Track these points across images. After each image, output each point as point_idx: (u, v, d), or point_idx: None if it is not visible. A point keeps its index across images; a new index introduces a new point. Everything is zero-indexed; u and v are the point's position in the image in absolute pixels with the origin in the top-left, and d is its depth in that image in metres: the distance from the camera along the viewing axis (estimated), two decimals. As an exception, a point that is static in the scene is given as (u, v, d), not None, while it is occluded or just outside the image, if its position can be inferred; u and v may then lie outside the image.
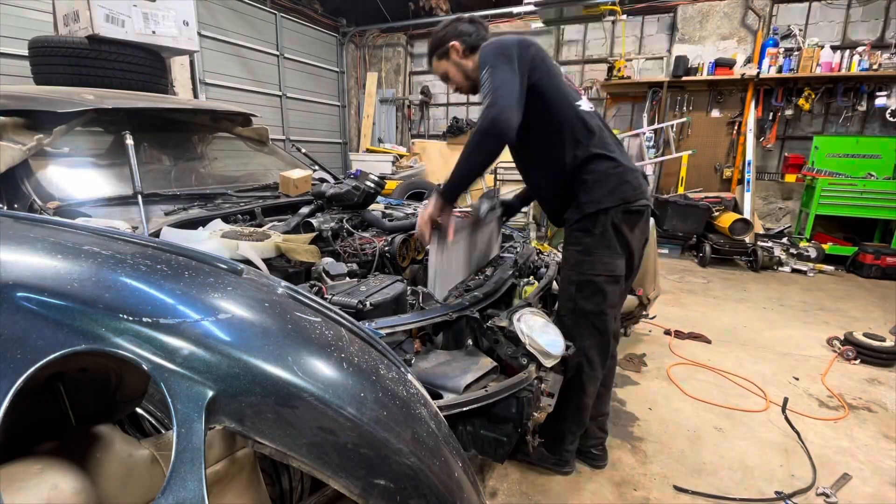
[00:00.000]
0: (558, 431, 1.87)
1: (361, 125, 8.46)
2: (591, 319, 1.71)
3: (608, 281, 1.68)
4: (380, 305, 1.45)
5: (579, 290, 1.70)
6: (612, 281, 1.69)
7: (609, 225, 1.63)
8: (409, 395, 0.69)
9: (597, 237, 1.64)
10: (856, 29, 5.79)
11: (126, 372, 0.71)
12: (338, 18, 8.06)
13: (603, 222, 1.63)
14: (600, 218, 1.63)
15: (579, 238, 1.68)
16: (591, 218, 1.64)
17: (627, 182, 1.65)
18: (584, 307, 1.70)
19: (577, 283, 1.70)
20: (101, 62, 3.02)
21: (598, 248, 1.65)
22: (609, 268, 1.67)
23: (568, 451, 1.90)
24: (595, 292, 1.68)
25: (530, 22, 7.12)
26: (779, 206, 6.42)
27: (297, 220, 1.99)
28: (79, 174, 2.00)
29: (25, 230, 0.67)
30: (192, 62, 5.65)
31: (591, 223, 1.64)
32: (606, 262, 1.66)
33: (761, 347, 3.22)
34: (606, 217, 1.63)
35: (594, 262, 1.66)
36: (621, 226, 1.65)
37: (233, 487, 0.71)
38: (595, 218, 1.63)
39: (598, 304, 1.69)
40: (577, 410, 1.82)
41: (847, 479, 1.93)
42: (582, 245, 1.68)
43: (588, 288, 1.68)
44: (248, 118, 2.90)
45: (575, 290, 1.71)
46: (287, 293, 0.71)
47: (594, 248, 1.65)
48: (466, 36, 1.69)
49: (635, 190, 1.66)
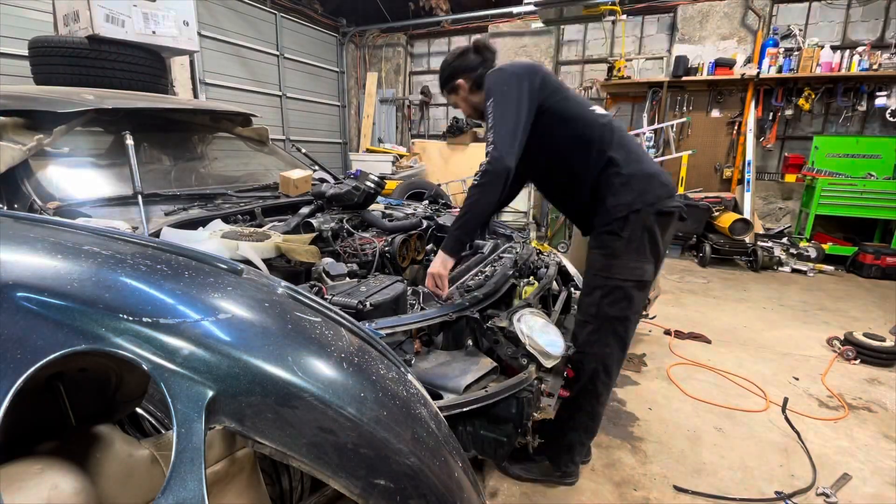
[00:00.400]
0: (568, 443, 1.80)
1: (361, 125, 8.46)
2: (614, 326, 1.67)
3: (635, 286, 1.64)
4: (380, 306, 1.45)
5: (605, 295, 1.64)
6: (640, 287, 1.65)
7: (640, 228, 1.59)
8: (409, 395, 0.69)
9: (625, 241, 1.60)
10: (856, 29, 5.79)
11: (126, 372, 0.71)
12: (338, 18, 8.06)
13: (633, 225, 1.59)
14: (630, 220, 1.59)
15: (607, 242, 1.64)
16: (620, 221, 1.60)
17: (655, 180, 1.63)
18: (609, 313, 1.65)
19: (602, 287, 1.65)
20: (101, 62, 3.02)
21: (626, 252, 1.61)
22: (637, 273, 1.63)
23: (575, 462, 1.85)
24: (621, 298, 1.64)
25: (530, 22, 7.12)
26: (779, 206, 6.42)
27: (297, 220, 1.99)
28: (79, 174, 2.00)
29: (25, 230, 0.67)
30: (192, 62, 5.65)
31: (620, 226, 1.60)
32: (634, 267, 1.62)
33: (761, 347, 3.22)
34: (638, 219, 1.59)
35: (622, 266, 1.62)
36: (654, 229, 1.61)
37: (233, 487, 0.71)
38: (625, 221, 1.60)
39: (623, 309, 1.65)
40: (591, 419, 1.77)
41: (847, 479, 1.93)
42: (610, 249, 1.63)
43: (615, 293, 1.63)
44: (248, 118, 2.90)
45: (600, 296, 1.65)
46: (287, 293, 0.71)
47: (622, 253, 1.61)
48: (472, 71, 1.73)
49: (664, 187, 1.63)
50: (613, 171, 1.62)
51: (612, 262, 1.63)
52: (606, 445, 2.13)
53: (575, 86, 7.32)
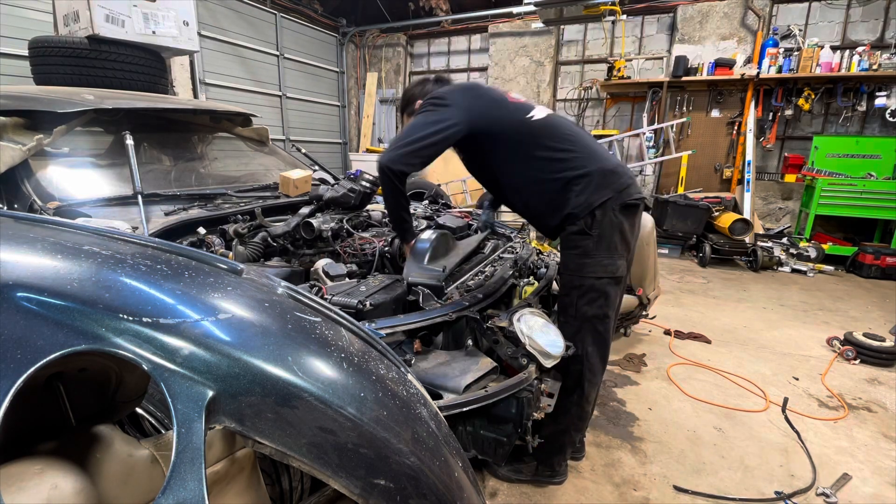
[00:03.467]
0: (559, 444, 1.81)
1: (361, 125, 8.46)
2: (593, 324, 1.68)
3: (610, 283, 1.66)
4: (380, 305, 1.45)
5: (581, 295, 1.67)
6: (614, 282, 1.67)
7: (609, 223, 1.61)
8: (409, 395, 0.69)
9: (595, 239, 1.62)
10: (856, 29, 5.79)
11: (126, 372, 0.71)
12: (338, 18, 8.07)
13: (601, 221, 1.61)
14: (597, 216, 1.61)
15: (578, 241, 1.66)
16: (587, 219, 1.62)
17: (614, 174, 1.63)
18: (587, 312, 1.67)
19: (578, 287, 1.67)
20: (101, 62, 3.02)
21: (598, 250, 1.63)
22: (610, 269, 1.65)
23: (566, 461, 1.88)
24: (598, 296, 1.66)
25: (530, 22, 7.12)
26: (779, 206, 6.43)
27: (297, 220, 1.99)
28: (79, 174, 2.00)
29: (25, 230, 0.67)
30: (192, 62, 5.65)
31: (588, 225, 1.62)
32: (607, 264, 1.64)
33: (761, 347, 3.22)
34: (605, 214, 1.60)
35: (595, 265, 1.64)
36: (622, 223, 1.63)
37: (233, 487, 0.71)
38: (592, 218, 1.61)
39: (601, 307, 1.67)
40: (580, 419, 1.80)
41: (847, 479, 1.93)
42: (580, 248, 1.65)
43: (590, 292, 1.66)
44: (248, 118, 2.90)
45: (577, 296, 1.67)
46: (287, 293, 0.71)
47: (594, 251, 1.63)
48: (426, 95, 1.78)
49: (623, 180, 1.64)
50: (569, 171, 1.63)
51: (584, 261, 1.65)
52: (606, 445, 2.13)
53: (575, 85, 7.33)
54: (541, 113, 1.69)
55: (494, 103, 1.69)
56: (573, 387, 1.73)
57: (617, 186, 1.62)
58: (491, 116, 1.65)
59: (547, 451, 1.81)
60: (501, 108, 1.68)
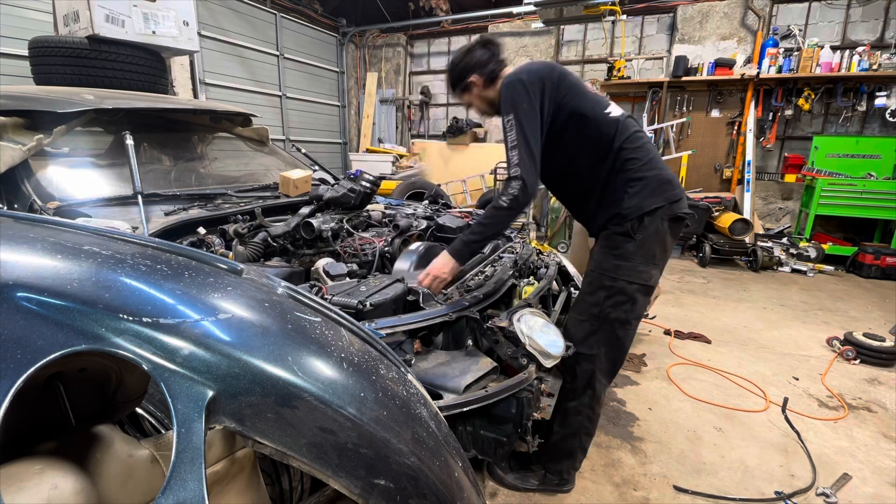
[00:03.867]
0: (568, 449, 1.76)
1: (361, 125, 8.46)
2: (614, 327, 1.65)
3: (641, 290, 1.63)
4: (380, 305, 1.45)
5: (610, 296, 1.63)
6: (644, 291, 1.64)
7: (654, 231, 1.59)
8: (409, 395, 0.69)
9: (638, 243, 1.60)
10: (855, 29, 5.79)
11: (126, 372, 0.71)
12: (338, 18, 8.07)
13: (647, 228, 1.59)
14: (645, 221, 1.59)
15: (619, 242, 1.62)
16: (634, 223, 1.59)
17: (670, 186, 1.62)
18: (611, 315, 1.63)
19: (608, 288, 1.63)
20: (101, 62, 3.02)
21: (637, 255, 1.60)
22: (644, 276, 1.62)
23: (576, 468, 1.83)
24: (625, 300, 1.62)
25: (530, 22, 7.12)
26: (779, 206, 6.43)
27: (297, 220, 1.99)
28: (79, 174, 2.00)
29: (25, 230, 0.67)
30: (192, 62, 5.65)
31: (634, 228, 1.60)
32: (642, 271, 1.61)
33: (761, 347, 3.22)
34: (653, 222, 1.59)
35: (631, 269, 1.61)
36: (667, 234, 1.62)
37: (233, 487, 0.71)
38: (640, 223, 1.59)
39: (626, 312, 1.64)
40: (590, 421, 1.75)
41: (847, 479, 1.93)
42: (620, 249, 1.62)
43: (619, 295, 1.62)
44: (247, 118, 2.90)
45: (604, 297, 1.63)
46: (287, 293, 0.71)
47: (633, 255, 1.60)
48: (483, 66, 1.69)
49: (678, 193, 1.63)
50: (630, 172, 1.61)
51: (621, 263, 1.62)
52: (606, 445, 2.13)
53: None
54: (616, 111, 1.69)
55: (580, 85, 1.67)
56: (584, 388, 1.69)
57: (670, 196, 1.61)
58: (582, 100, 1.64)
59: (556, 458, 1.78)
60: (586, 92, 1.67)
